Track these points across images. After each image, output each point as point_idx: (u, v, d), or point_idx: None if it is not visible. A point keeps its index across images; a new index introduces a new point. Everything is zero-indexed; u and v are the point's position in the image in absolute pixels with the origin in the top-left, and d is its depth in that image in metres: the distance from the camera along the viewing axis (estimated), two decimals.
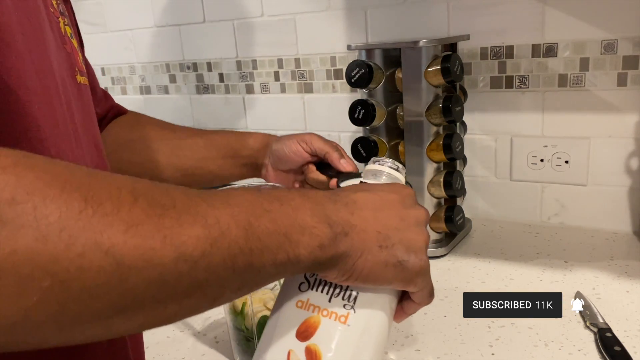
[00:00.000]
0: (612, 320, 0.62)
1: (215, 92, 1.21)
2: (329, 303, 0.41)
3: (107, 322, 0.29)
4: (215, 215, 0.32)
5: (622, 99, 0.84)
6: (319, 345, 0.39)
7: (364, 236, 0.39)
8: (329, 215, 0.37)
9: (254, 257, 0.33)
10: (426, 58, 0.79)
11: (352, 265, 0.38)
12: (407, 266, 0.40)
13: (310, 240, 0.35)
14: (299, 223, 0.35)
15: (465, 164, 0.92)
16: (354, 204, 0.40)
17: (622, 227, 0.88)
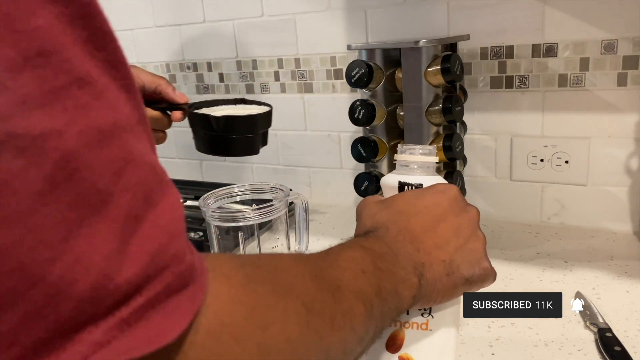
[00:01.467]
0: (612, 320, 0.62)
1: (215, 92, 1.20)
2: (408, 315, 0.45)
3: None
4: (363, 288, 0.36)
5: (622, 99, 0.84)
6: (410, 354, 0.44)
7: (433, 271, 0.42)
8: (411, 261, 0.41)
9: (384, 321, 0.38)
10: (426, 58, 0.79)
11: (428, 297, 0.42)
12: (474, 280, 0.44)
13: (409, 293, 0.40)
14: (401, 278, 0.40)
15: (465, 164, 0.92)
16: (415, 237, 0.43)
17: (622, 227, 0.88)
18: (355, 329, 0.34)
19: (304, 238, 0.79)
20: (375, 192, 0.85)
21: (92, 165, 0.22)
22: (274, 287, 0.30)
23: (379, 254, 0.40)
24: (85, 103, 0.23)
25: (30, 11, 0.21)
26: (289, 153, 1.15)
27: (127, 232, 0.23)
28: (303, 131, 1.12)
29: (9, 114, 0.20)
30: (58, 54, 0.22)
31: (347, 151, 0.86)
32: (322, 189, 1.14)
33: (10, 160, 0.20)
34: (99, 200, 0.22)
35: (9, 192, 0.20)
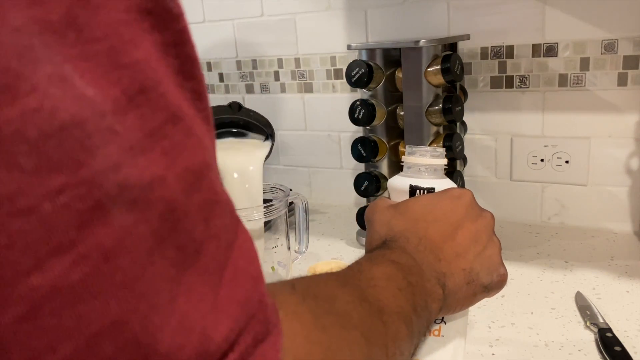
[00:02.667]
0: (612, 320, 0.62)
1: (215, 92, 1.20)
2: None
3: None
4: (403, 307, 0.36)
5: (623, 99, 0.83)
6: (422, 359, 0.44)
7: (454, 280, 0.42)
8: (434, 272, 0.41)
9: (419, 338, 0.38)
10: (426, 58, 0.79)
11: (449, 307, 0.42)
12: (491, 287, 0.45)
13: (436, 306, 0.40)
14: (429, 291, 0.40)
15: (465, 164, 0.92)
16: (435, 246, 0.43)
17: (622, 227, 0.88)
18: (404, 353, 0.34)
19: (304, 238, 0.79)
20: (376, 192, 0.85)
21: (189, 213, 0.21)
22: (336, 318, 0.30)
23: (407, 268, 0.40)
24: (180, 142, 0.21)
25: (133, 42, 0.20)
26: (289, 153, 1.15)
27: (217, 282, 0.22)
28: (303, 131, 1.12)
29: (120, 163, 0.18)
30: (155, 89, 0.20)
31: (347, 151, 0.86)
32: (322, 189, 1.14)
33: (122, 215, 0.18)
34: (194, 251, 0.21)
35: (123, 253, 0.18)
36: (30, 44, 0.17)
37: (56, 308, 0.18)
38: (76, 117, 0.18)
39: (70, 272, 0.18)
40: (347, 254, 0.87)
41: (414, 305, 0.37)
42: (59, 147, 0.17)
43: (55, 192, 0.17)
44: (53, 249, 0.17)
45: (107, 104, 0.19)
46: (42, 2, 0.18)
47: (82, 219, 0.18)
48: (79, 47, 0.18)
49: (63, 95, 0.17)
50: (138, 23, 0.20)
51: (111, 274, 0.18)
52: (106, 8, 0.19)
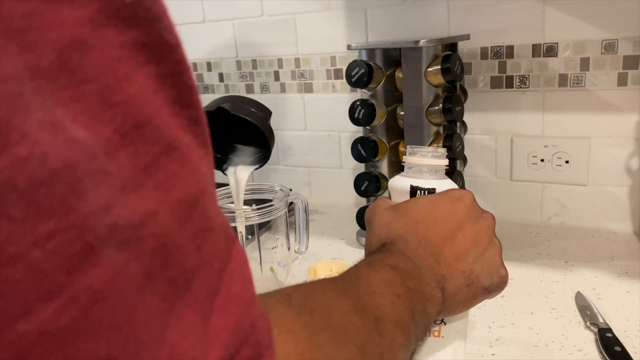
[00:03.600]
0: (612, 320, 0.62)
1: (215, 92, 1.20)
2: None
3: None
4: (400, 315, 0.36)
5: (623, 99, 0.83)
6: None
7: (454, 283, 0.42)
8: (434, 275, 0.41)
9: (416, 343, 0.38)
10: (426, 58, 0.79)
11: (448, 309, 0.42)
12: (492, 289, 0.45)
13: (435, 310, 0.40)
14: (427, 295, 0.39)
15: (465, 164, 0.92)
16: (435, 249, 0.43)
17: (622, 227, 0.88)
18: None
19: (304, 238, 0.79)
20: (376, 192, 0.85)
21: (181, 245, 0.21)
22: (331, 334, 0.29)
23: (406, 272, 0.39)
24: (174, 173, 0.21)
25: (127, 78, 0.20)
26: (289, 153, 1.15)
27: (207, 309, 0.22)
28: (303, 131, 1.12)
29: (111, 204, 0.18)
30: (150, 123, 0.20)
31: (347, 151, 0.86)
32: (322, 189, 1.14)
33: (113, 256, 0.18)
34: (185, 282, 0.21)
35: (113, 293, 0.18)
36: (21, 91, 0.17)
37: (45, 352, 0.18)
38: (67, 161, 0.18)
39: (59, 315, 0.18)
40: (347, 254, 0.87)
41: (412, 312, 0.37)
42: (49, 194, 0.17)
43: (44, 238, 0.17)
44: (42, 294, 0.17)
45: (99, 145, 0.19)
46: (34, 48, 0.18)
47: (72, 263, 0.18)
48: (71, 90, 0.18)
49: (53, 140, 0.17)
50: (133, 58, 0.20)
51: (100, 316, 0.18)
52: (101, 47, 0.19)
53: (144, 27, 0.21)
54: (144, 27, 0.21)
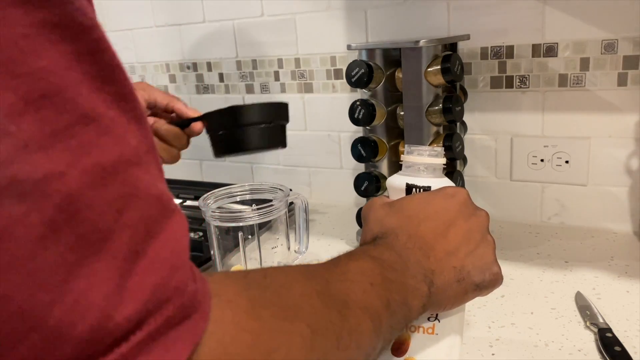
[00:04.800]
0: (612, 320, 0.62)
1: (215, 92, 1.21)
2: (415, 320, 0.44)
3: None
4: (371, 302, 0.35)
5: (622, 99, 0.84)
6: (416, 357, 0.43)
7: (443, 278, 0.42)
8: (421, 268, 0.41)
9: (392, 334, 0.37)
10: (426, 58, 0.79)
11: (438, 304, 0.42)
12: (484, 285, 0.45)
13: (418, 303, 0.39)
14: (410, 288, 0.39)
15: (465, 164, 0.92)
16: (425, 243, 0.43)
17: (622, 227, 0.88)
18: (362, 347, 0.33)
19: (303, 238, 0.79)
20: (376, 192, 0.85)
21: (93, 205, 0.22)
22: (279, 310, 0.30)
23: (388, 264, 0.39)
24: (90, 141, 0.23)
25: (35, 53, 0.22)
26: (289, 153, 1.15)
27: (127, 268, 0.23)
28: (303, 131, 1.12)
29: (11, 160, 0.20)
30: (62, 94, 0.22)
31: (347, 151, 0.86)
32: (322, 189, 1.14)
33: (12, 206, 0.20)
34: (99, 239, 0.22)
35: (9, 238, 0.20)
36: None
37: None
38: None
39: None
40: None
41: (387, 301, 0.37)
42: None
43: None
44: None
45: (1, 109, 0.20)
46: None
47: None
48: None
49: None
50: (43, 35, 0.22)
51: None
52: (6, 25, 0.21)
53: (53, 9, 0.22)
54: (54, 9, 0.22)
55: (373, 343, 0.35)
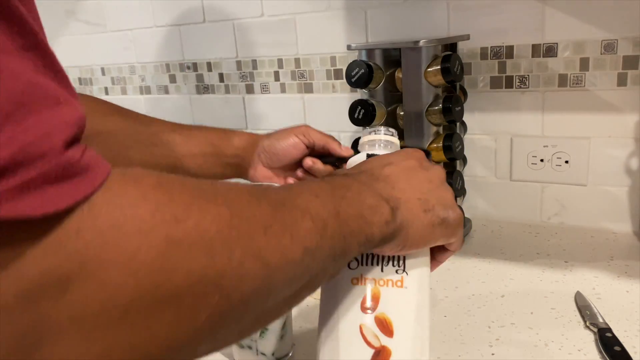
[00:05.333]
0: (612, 320, 0.62)
1: (215, 92, 1.21)
2: (382, 273, 0.44)
3: (246, 329, 0.29)
4: (314, 207, 0.33)
5: (622, 99, 0.84)
6: (386, 313, 0.42)
7: (409, 206, 0.41)
8: (381, 193, 0.40)
9: (346, 243, 0.35)
10: (426, 58, 0.79)
11: (406, 235, 0.41)
12: (449, 221, 0.44)
13: (379, 219, 0.38)
14: (368, 205, 0.38)
15: (465, 164, 0.92)
16: (389, 178, 0.43)
17: (622, 227, 0.88)
18: (298, 240, 0.31)
19: None
20: None
21: None
22: (193, 191, 0.27)
23: (340, 184, 0.39)
24: None
25: None
26: None
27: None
28: None
29: None
30: None
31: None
32: None
33: None
34: None
35: None
36: None
37: None
38: None
39: None
40: None
41: (335, 211, 0.35)
42: None
43: None
44: None
45: None
46: None
47: None
48: None
49: None
50: None
51: None
52: None
53: None
54: None
55: (316, 242, 0.32)
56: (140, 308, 0.23)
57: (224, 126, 1.21)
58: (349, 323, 0.42)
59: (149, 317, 0.23)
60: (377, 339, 0.42)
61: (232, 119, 1.19)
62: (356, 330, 0.42)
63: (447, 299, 0.71)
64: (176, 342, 0.25)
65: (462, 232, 0.47)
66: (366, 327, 0.42)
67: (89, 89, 1.40)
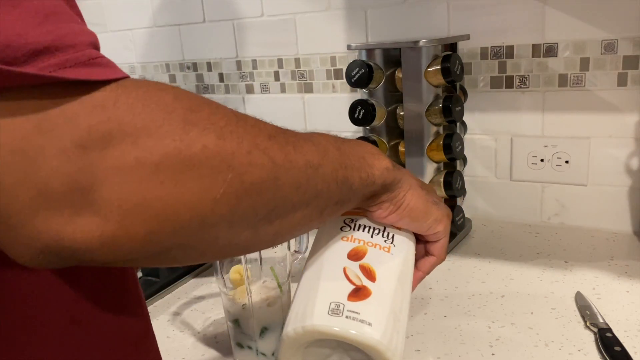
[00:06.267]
0: (612, 320, 0.62)
1: (215, 92, 1.21)
2: (372, 238, 0.46)
3: (258, 223, 0.32)
4: (316, 138, 0.38)
5: (622, 99, 0.84)
6: (371, 264, 0.44)
7: (409, 178, 0.45)
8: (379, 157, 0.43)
9: (347, 172, 0.38)
10: (426, 58, 0.79)
11: (403, 196, 0.44)
12: (441, 206, 0.48)
13: (380, 163, 0.42)
14: (369, 152, 0.42)
15: (465, 164, 0.92)
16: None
17: (622, 227, 0.88)
18: (299, 152, 0.34)
19: (304, 238, 0.79)
20: None
21: None
22: (205, 99, 0.32)
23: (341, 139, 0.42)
24: None
25: None
26: None
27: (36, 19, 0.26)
28: (303, 131, 1.12)
29: None
30: None
31: None
32: None
33: None
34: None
35: None
36: None
37: None
38: None
39: None
40: None
41: (337, 146, 0.39)
42: None
43: None
44: None
45: None
46: None
47: None
48: None
49: None
50: None
51: None
52: None
53: None
54: None
55: (317, 160, 0.36)
56: (167, 169, 0.27)
57: None
58: (333, 264, 0.44)
59: (175, 178, 0.28)
60: (359, 279, 0.42)
61: None
62: (340, 270, 0.43)
63: (447, 299, 0.71)
64: (199, 207, 0.28)
65: (447, 237, 0.49)
66: (350, 270, 0.43)
67: None
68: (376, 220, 0.46)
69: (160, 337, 0.68)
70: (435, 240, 0.49)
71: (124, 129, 0.27)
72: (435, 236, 0.49)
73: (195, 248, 0.31)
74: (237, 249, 0.35)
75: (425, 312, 0.68)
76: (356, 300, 0.40)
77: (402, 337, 0.42)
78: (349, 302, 0.40)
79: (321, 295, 0.41)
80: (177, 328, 0.70)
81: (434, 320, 0.66)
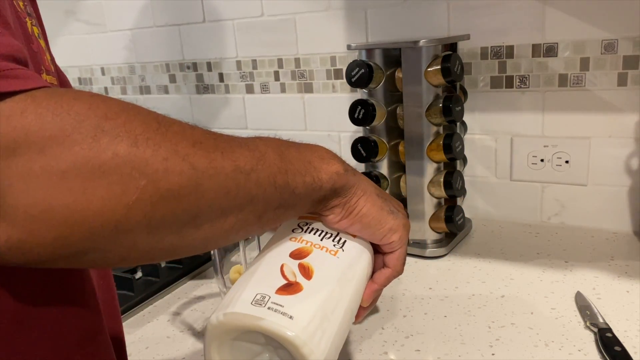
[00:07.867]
0: (612, 320, 0.62)
1: (215, 92, 1.21)
2: (321, 241, 0.46)
3: (182, 228, 0.32)
4: (254, 143, 0.37)
5: (622, 99, 0.84)
6: (311, 264, 0.43)
7: (365, 184, 0.45)
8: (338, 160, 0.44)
9: (289, 177, 0.38)
10: (426, 58, 0.79)
11: (355, 202, 0.44)
12: (398, 216, 0.47)
13: (328, 167, 0.41)
14: (318, 156, 0.42)
15: (465, 164, 0.92)
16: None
17: (622, 227, 0.88)
18: (228, 157, 0.34)
19: None
20: None
21: None
22: (128, 106, 0.31)
23: (290, 142, 0.42)
24: None
25: None
26: None
27: None
28: (303, 131, 1.12)
29: None
30: None
31: (347, 151, 0.86)
32: None
33: None
34: None
35: None
36: None
37: None
38: None
39: None
40: None
41: (279, 151, 0.38)
42: None
43: None
44: None
45: None
46: None
47: None
48: None
49: None
50: None
51: None
52: None
53: None
54: None
55: (250, 165, 0.35)
56: (75, 176, 0.28)
57: (224, 126, 1.21)
58: (273, 261, 0.44)
59: (83, 185, 0.28)
60: (293, 276, 0.42)
61: (232, 119, 1.19)
62: (277, 266, 0.43)
63: (447, 299, 0.71)
64: (110, 214, 0.29)
65: (405, 249, 0.48)
66: (287, 266, 0.43)
67: (88, 89, 1.40)
68: (329, 225, 0.46)
69: (160, 337, 0.69)
70: (391, 251, 0.48)
71: (31, 138, 0.27)
72: (390, 246, 0.48)
73: (113, 252, 0.31)
74: (164, 253, 0.35)
75: (425, 312, 0.68)
76: (284, 294, 0.40)
77: (330, 338, 0.41)
78: (276, 295, 0.40)
79: (250, 287, 0.41)
80: (177, 328, 0.70)
81: (434, 320, 0.66)
